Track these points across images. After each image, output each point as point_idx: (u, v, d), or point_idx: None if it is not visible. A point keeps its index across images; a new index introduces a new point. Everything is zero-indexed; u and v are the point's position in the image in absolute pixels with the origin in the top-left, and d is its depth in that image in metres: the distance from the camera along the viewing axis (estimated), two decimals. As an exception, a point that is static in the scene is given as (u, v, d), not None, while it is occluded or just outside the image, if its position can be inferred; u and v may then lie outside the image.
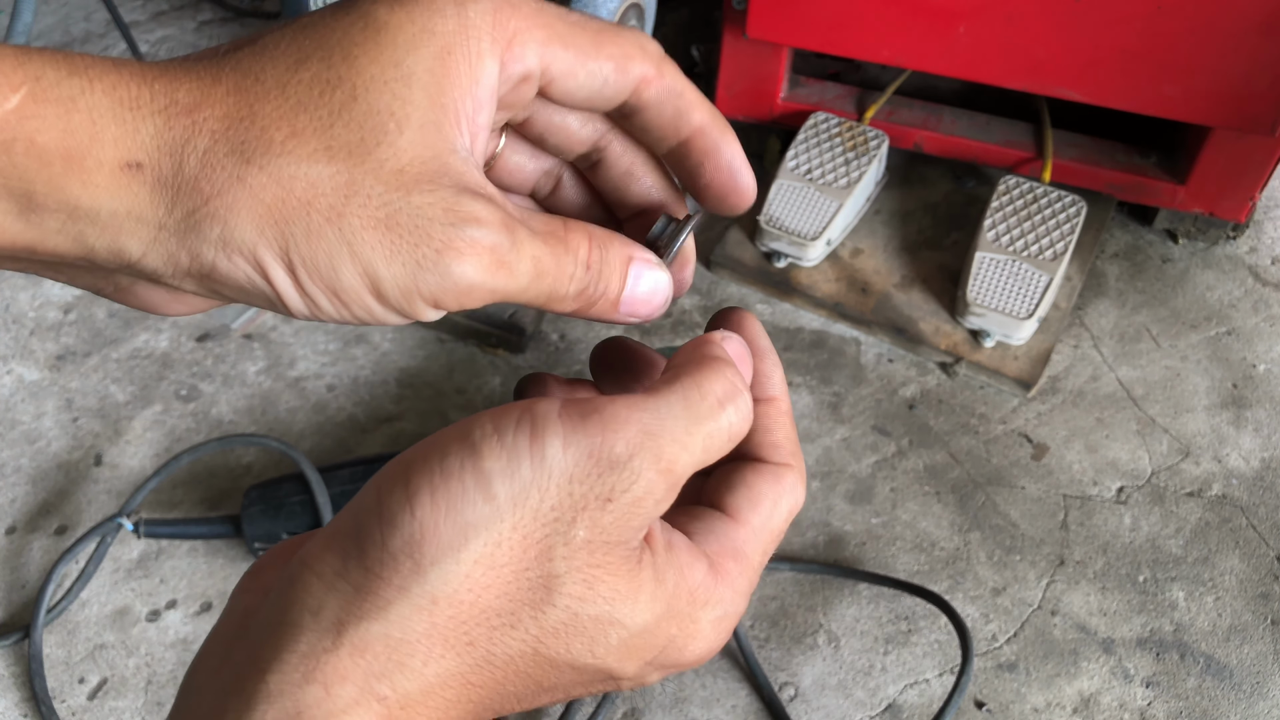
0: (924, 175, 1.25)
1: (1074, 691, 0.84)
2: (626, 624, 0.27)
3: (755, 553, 0.31)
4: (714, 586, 0.30)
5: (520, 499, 0.26)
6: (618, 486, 0.26)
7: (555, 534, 0.26)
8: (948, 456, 1.00)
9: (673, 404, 0.28)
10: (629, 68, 0.30)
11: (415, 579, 0.25)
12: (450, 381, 1.06)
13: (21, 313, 1.12)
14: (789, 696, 0.84)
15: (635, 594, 0.27)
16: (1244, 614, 0.89)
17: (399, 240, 0.26)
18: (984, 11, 1.01)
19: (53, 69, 0.25)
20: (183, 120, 0.26)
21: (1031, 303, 1.03)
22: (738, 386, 0.29)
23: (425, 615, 0.25)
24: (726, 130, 0.32)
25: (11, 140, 0.24)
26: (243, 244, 0.26)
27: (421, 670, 0.26)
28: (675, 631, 0.29)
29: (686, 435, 0.28)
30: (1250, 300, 1.14)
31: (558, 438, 0.26)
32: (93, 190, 0.25)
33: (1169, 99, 1.01)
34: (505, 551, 0.26)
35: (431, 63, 0.27)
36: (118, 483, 0.97)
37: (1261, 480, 0.98)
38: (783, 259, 1.13)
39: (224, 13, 1.52)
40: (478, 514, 0.26)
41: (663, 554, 0.29)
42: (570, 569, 0.26)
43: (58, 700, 0.83)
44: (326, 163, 0.26)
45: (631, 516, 0.27)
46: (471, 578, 0.26)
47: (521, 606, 0.26)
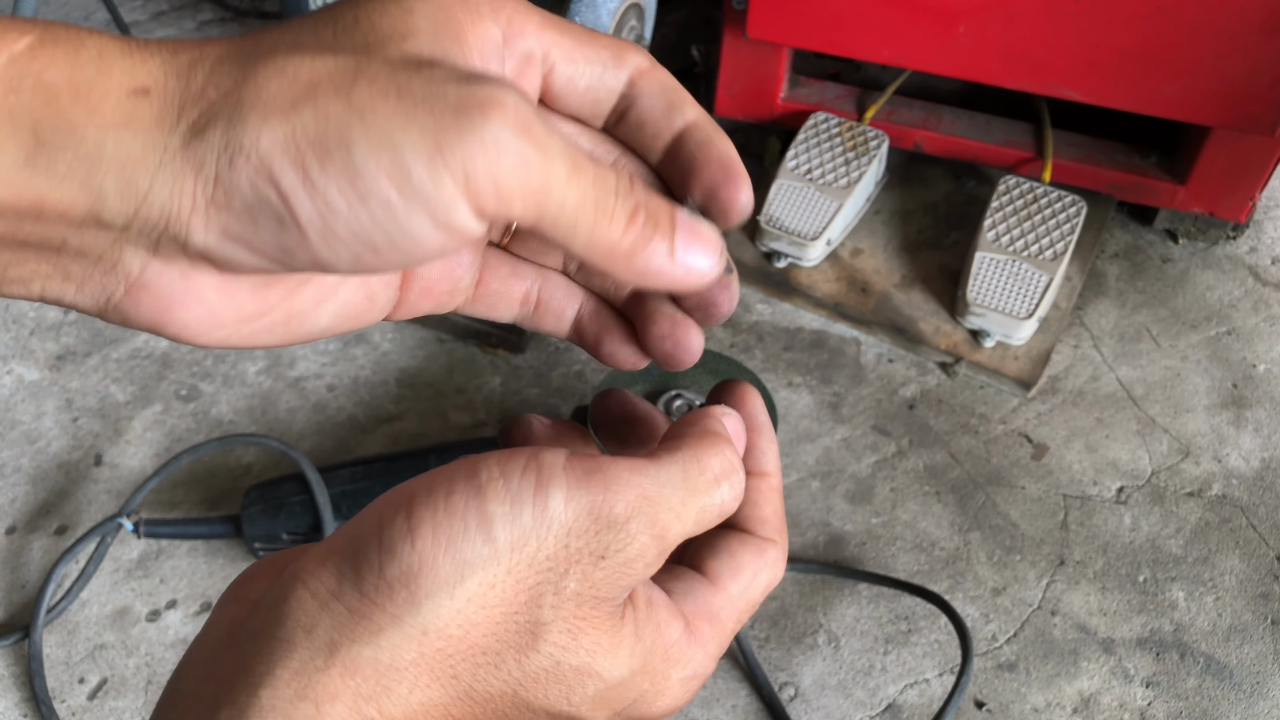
0: (924, 175, 1.25)
1: (1074, 691, 0.84)
2: (604, 676, 0.28)
3: (729, 619, 0.32)
4: (687, 646, 0.31)
5: (519, 545, 0.27)
6: (613, 546, 0.27)
7: (547, 583, 0.27)
8: (948, 456, 1.00)
9: (673, 474, 0.29)
10: (625, 57, 0.31)
11: (409, 609, 0.26)
12: (450, 381, 1.06)
13: (21, 313, 1.12)
14: (789, 696, 0.84)
15: (616, 648, 0.28)
16: (1244, 614, 0.89)
17: (413, 106, 0.24)
18: (984, 11, 1.01)
19: (59, 27, 0.25)
20: (189, 52, 0.26)
21: (1031, 303, 1.03)
22: (734, 465, 0.31)
23: (415, 645, 0.26)
24: (719, 129, 0.33)
25: (20, 78, 0.24)
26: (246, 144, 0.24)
27: (407, 697, 0.26)
28: (647, 686, 0.30)
29: (681, 506, 0.29)
30: (1250, 300, 1.14)
31: (561, 490, 0.27)
32: (100, 119, 0.24)
33: (1169, 99, 1.01)
34: (498, 593, 0.26)
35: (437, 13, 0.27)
36: (118, 483, 0.97)
37: (1261, 480, 0.98)
38: (783, 259, 1.13)
39: (224, 13, 1.52)
40: (477, 554, 0.26)
41: (643, 610, 0.30)
42: (557, 618, 0.27)
43: (58, 700, 0.83)
44: (332, 56, 0.25)
45: (622, 576, 0.28)
46: (463, 614, 0.26)
47: (507, 648, 0.27)
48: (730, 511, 0.31)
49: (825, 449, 1.00)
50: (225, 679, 0.26)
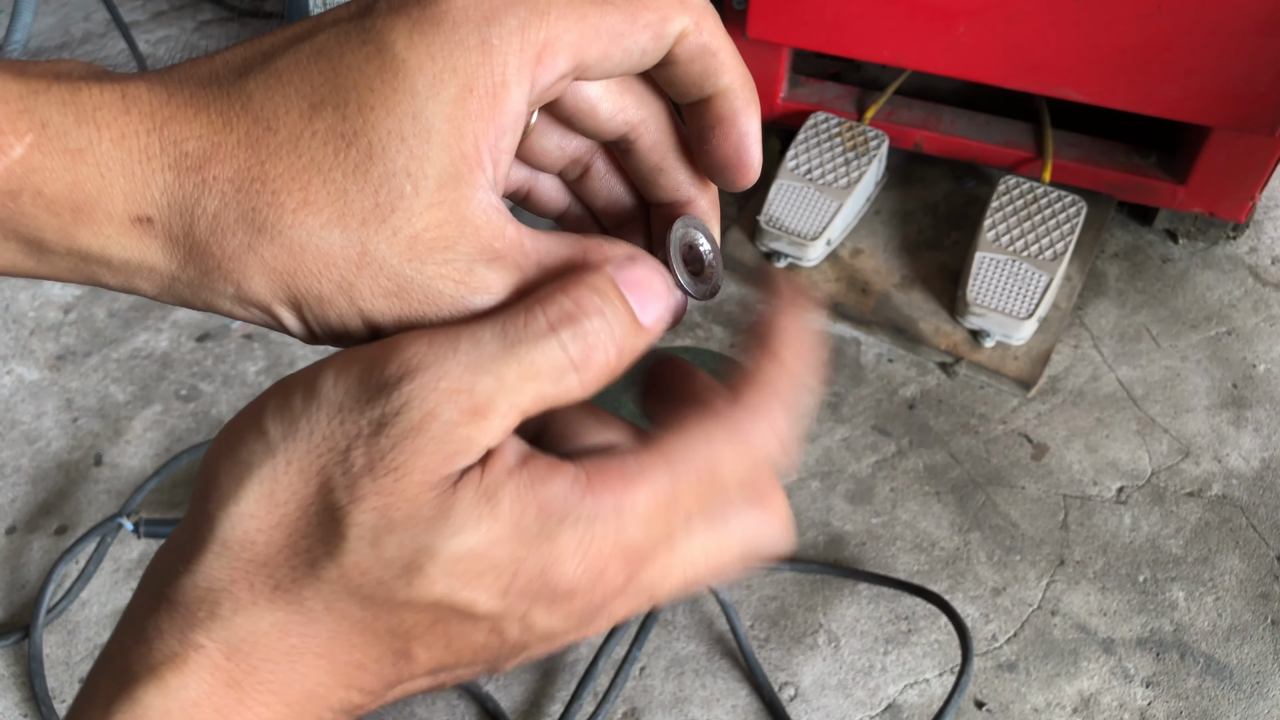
0: (924, 175, 1.25)
1: (1074, 691, 0.84)
2: (439, 550, 0.25)
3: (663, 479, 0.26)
4: (577, 500, 0.25)
5: (290, 433, 0.25)
6: (389, 411, 0.24)
7: (331, 464, 0.25)
8: (948, 456, 1.00)
9: (481, 328, 0.25)
10: (666, 30, 0.28)
11: (206, 527, 0.25)
12: (450, 381, 1.06)
13: (21, 313, 1.12)
14: (789, 696, 0.84)
15: (445, 516, 0.25)
16: (1244, 614, 0.89)
17: (408, 308, 0.27)
18: (984, 11, 1.01)
19: (59, 114, 0.25)
20: (193, 177, 0.25)
21: (1031, 303, 1.03)
22: (583, 308, 0.26)
23: (222, 562, 0.25)
24: (750, 102, 0.31)
25: (18, 190, 0.24)
26: (256, 300, 0.26)
27: (232, 619, 0.25)
28: (524, 553, 0.25)
29: (491, 360, 0.25)
30: (1250, 300, 1.14)
31: (331, 369, 0.26)
32: (103, 240, 0.25)
33: (1169, 99, 1.01)
34: (284, 488, 0.25)
35: (452, 108, 0.26)
36: (118, 483, 0.97)
37: (1261, 480, 0.98)
38: (783, 259, 1.13)
39: (224, 13, 1.52)
40: (250, 452, 0.25)
41: (499, 473, 0.25)
42: (353, 499, 0.25)
43: (58, 700, 0.83)
44: (340, 231, 0.26)
45: (415, 442, 0.24)
46: (256, 518, 0.25)
47: (315, 544, 0.25)
48: (591, 370, 0.26)
49: (825, 449, 1.00)
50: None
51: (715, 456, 0.27)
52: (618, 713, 0.83)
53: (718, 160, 0.31)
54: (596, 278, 0.27)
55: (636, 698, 0.84)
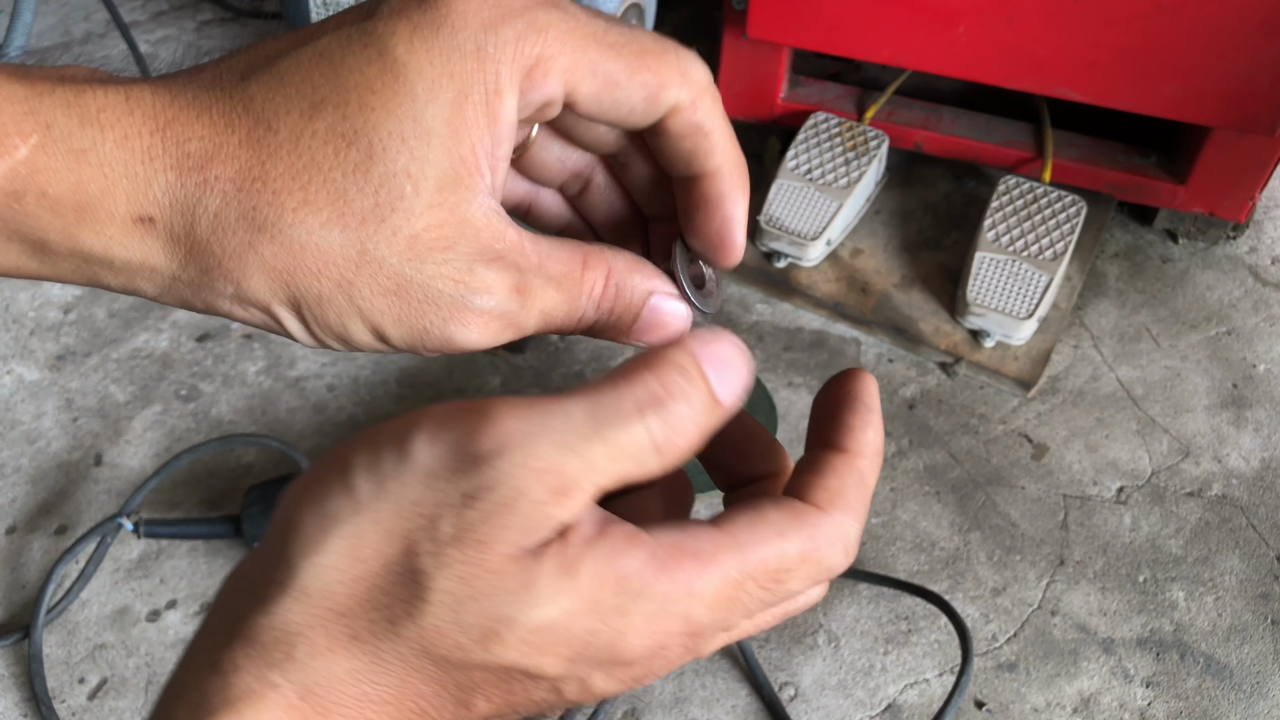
0: (924, 175, 1.25)
1: (1074, 691, 0.84)
2: (520, 620, 0.25)
3: (731, 567, 0.27)
4: (653, 578, 0.26)
5: (379, 492, 0.26)
6: (481, 486, 0.25)
7: (419, 529, 0.25)
8: (948, 456, 1.00)
9: (571, 407, 0.26)
10: (661, 97, 0.29)
11: (287, 572, 0.26)
12: (450, 381, 1.06)
13: (21, 313, 1.12)
14: (789, 696, 0.84)
15: (528, 589, 0.25)
16: (1244, 614, 0.89)
17: (407, 308, 0.27)
18: (984, 11, 1.01)
19: (64, 116, 0.25)
20: (194, 177, 0.26)
21: (1031, 303, 1.03)
22: (665, 392, 0.26)
23: (301, 607, 0.26)
24: (738, 187, 0.31)
25: (22, 191, 0.25)
26: (256, 300, 0.27)
27: (308, 663, 0.26)
28: (598, 625, 0.26)
29: (581, 441, 0.25)
30: (1250, 300, 1.14)
31: (425, 434, 0.26)
32: (105, 240, 0.26)
33: (1169, 99, 1.01)
34: (369, 545, 0.26)
35: (450, 112, 0.26)
36: (118, 483, 0.97)
37: (1261, 480, 0.98)
38: (783, 259, 1.13)
39: (224, 13, 1.52)
40: (337, 506, 0.26)
41: (579, 545, 0.26)
42: (438, 565, 0.25)
43: (58, 700, 0.83)
44: (339, 230, 0.26)
45: (502, 517, 0.25)
46: (339, 570, 0.26)
47: (395, 601, 0.26)
48: (673, 450, 0.26)
49: (825, 449, 1.00)
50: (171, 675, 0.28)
51: (786, 558, 0.27)
52: (618, 713, 0.83)
53: (701, 239, 0.32)
54: (681, 356, 0.27)
55: (636, 698, 0.84)
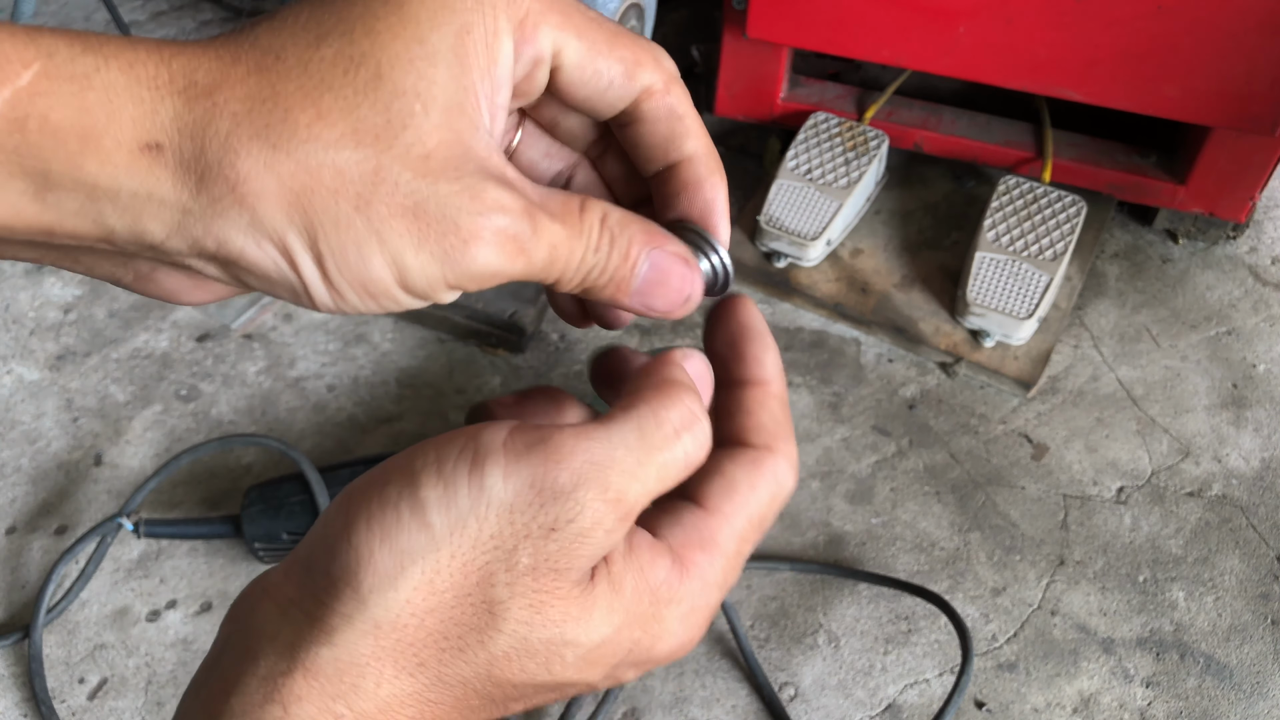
0: (924, 175, 1.25)
1: (1074, 691, 0.84)
2: (581, 642, 0.27)
3: (729, 540, 0.30)
4: (679, 582, 0.29)
5: (457, 528, 0.26)
6: (562, 517, 0.26)
7: (496, 561, 0.26)
8: (948, 456, 1.00)
9: (626, 434, 0.28)
10: (637, 74, 0.30)
11: (356, 606, 0.26)
12: (450, 381, 1.06)
13: (21, 313, 1.12)
14: (789, 696, 0.84)
15: (588, 613, 0.27)
16: (1244, 614, 0.89)
17: (426, 229, 0.26)
18: (984, 11, 1.01)
19: (66, 46, 0.24)
20: (203, 102, 0.25)
21: (1031, 303, 1.03)
22: (694, 414, 0.29)
23: (370, 640, 0.26)
24: (715, 171, 0.32)
25: (24, 117, 0.24)
26: (271, 230, 0.26)
27: (375, 692, 0.26)
28: (639, 634, 0.28)
29: (638, 466, 0.28)
30: (1250, 300, 1.14)
31: (498, 468, 0.27)
32: (111, 169, 0.25)
33: (1169, 99, 1.01)
34: (445, 578, 0.26)
35: (453, 40, 0.27)
36: (118, 483, 0.97)
37: (1261, 480, 0.98)
38: (783, 259, 1.13)
39: (224, 13, 1.52)
40: (413, 543, 0.26)
41: (620, 561, 0.28)
42: (513, 595, 0.26)
43: (58, 700, 0.83)
44: (353, 148, 0.26)
45: (579, 545, 0.27)
46: (413, 603, 0.26)
47: (468, 631, 0.27)
48: (697, 463, 0.29)
49: (825, 449, 1.00)
50: (209, 693, 0.27)
51: (761, 506, 0.31)
52: (617, 713, 0.83)
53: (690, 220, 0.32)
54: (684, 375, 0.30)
55: (636, 698, 0.84)
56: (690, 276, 0.31)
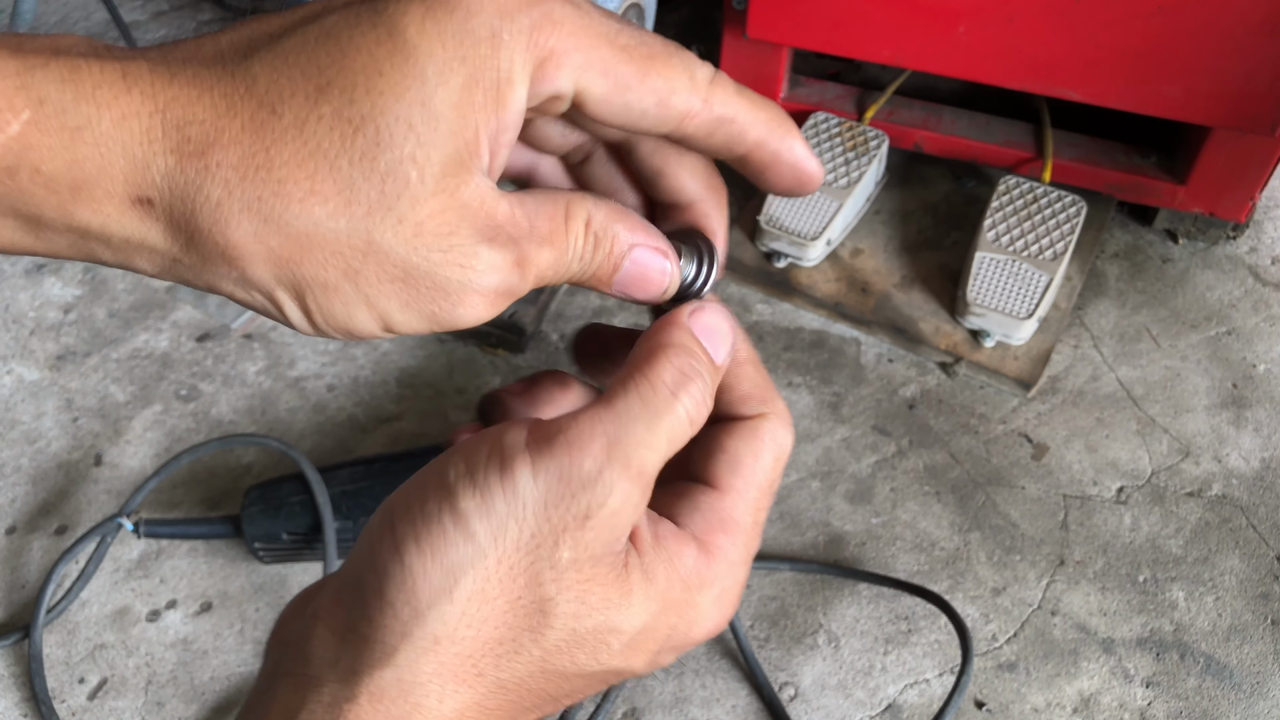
0: (924, 175, 1.25)
1: (1074, 691, 0.84)
2: (624, 628, 0.28)
3: (746, 515, 0.31)
4: (707, 567, 0.30)
5: (499, 534, 0.27)
6: (594, 503, 0.27)
7: (540, 560, 0.27)
8: (948, 456, 1.00)
9: (630, 405, 0.28)
10: (672, 102, 0.29)
11: (415, 624, 0.26)
12: (450, 381, 1.06)
13: (21, 313, 1.12)
14: (789, 696, 0.84)
15: (628, 598, 0.28)
16: (1244, 614, 0.89)
17: (415, 294, 0.27)
18: (984, 11, 1.01)
19: (57, 91, 0.24)
20: (195, 163, 0.25)
21: (1031, 303, 1.03)
22: (687, 372, 0.30)
23: (431, 656, 0.26)
24: (785, 133, 0.31)
25: (15, 167, 0.24)
26: (259, 285, 0.26)
27: (437, 708, 0.27)
28: (675, 620, 0.29)
29: (650, 434, 0.28)
30: (1250, 300, 1.13)
31: (526, 468, 0.27)
32: (103, 219, 0.25)
33: (1169, 99, 1.01)
34: (495, 585, 0.27)
35: (459, 96, 0.26)
36: (118, 483, 0.97)
37: (1261, 480, 0.98)
38: (783, 259, 1.13)
39: (224, 13, 1.52)
40: (461, 555, 0.26)
41: (650, 551, 0.29)
42: (561, 590, 0.27)
43: (58, 700, 0.83)
44: (346, 220, 0.26)
45: (613, 528, 0.28)
46: (467, 615, 0.27)
47: (521, 633, 0.27)
48: (701, 418, 0.30)
49: (825, 449, 1.00)
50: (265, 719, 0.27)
51: (770, 474, 0.32)
52: (618, 713, 0.83)
53: (783, 190, 0.33)
54: (683, 336, 0.30)
55: (636, 698, 0.84)
56: (668, 271, 0.32)
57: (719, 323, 0.32)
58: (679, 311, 0.31)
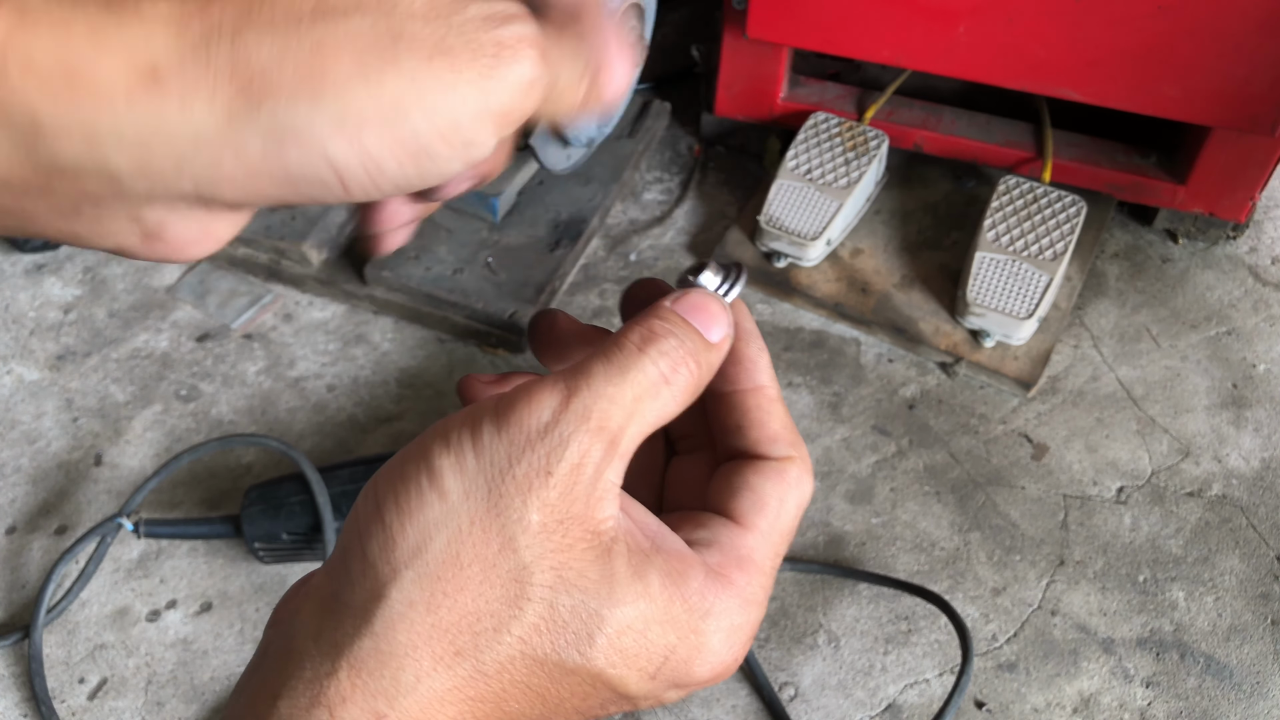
0: (924, 175, 1.25)
1: (1074, 691, 0.84)
2: (606, 616, 0.27)
3: (766, 557, 0.31)
4: (716, 595, 0.29)
5: (471, 491, 0.26)
6: (552, 456, 0.26)
7: (512, 522, 0.26)
8: (948, 456, 1.00)
9: (593, 364, 0.28)
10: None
11: (392, 584, 0.26)
12: (450, 381, 1.06)
13: (21, 313, 1.12)
14: (789, 696, 0.84)
15: (609, 582, 0.27)
16: (1244, 614, 0.89)
17: (458, 61, 0.25)
18: (984, 11, 1.01)
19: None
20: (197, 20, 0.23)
21: (1031, 303, 1.03)
22: (657, 330, 0.29)
23: (406, 624, 0.26)
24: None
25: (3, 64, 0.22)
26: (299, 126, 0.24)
27: (415, 686, 0.26)
28: (675, 640, 0.28)
29: (611, 388, 0.27)
30: (1250, 300, 1.14)
31: (491, 424, 0.27)
32: (109, 106, 0.23)
33: (1169, 99, 1.01)
34: (469, 548, 0.26)
35: None
36: (118, 483, 0.97)
37: (1261, 480, 0.98)
38: (783, 259, 1.13)
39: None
40: (435, 512, 0.26)
41: (642, 551, 0.28)
42: (536, 557, 0.26)
43: (58, 700, 0.83)
44: (360, 15, 0.24)
45: (575, 484, 0.27)
46: (443, 579, 0.26)
47: (500, 605, 0.26)
48: (685, 386, 0.29)
49: (825, 449, 1.00)
50: (252, 699, 0.27)
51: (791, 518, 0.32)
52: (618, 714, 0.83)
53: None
54: (658, 309, 0.30)
55: (636, 698, 0.84)
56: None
57: (706, 301, 0.30)
58: (662, 298, 0.31)
